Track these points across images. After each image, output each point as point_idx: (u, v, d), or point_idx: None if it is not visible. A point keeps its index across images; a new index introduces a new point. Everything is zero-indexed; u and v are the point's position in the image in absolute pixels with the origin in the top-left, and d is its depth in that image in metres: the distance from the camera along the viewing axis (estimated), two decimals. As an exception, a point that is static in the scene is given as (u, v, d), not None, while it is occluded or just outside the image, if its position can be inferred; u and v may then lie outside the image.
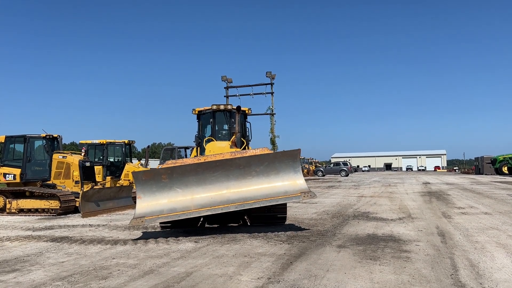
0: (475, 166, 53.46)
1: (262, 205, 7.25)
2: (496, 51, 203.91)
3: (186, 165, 7.46)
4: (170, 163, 7.90)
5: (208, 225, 8.45)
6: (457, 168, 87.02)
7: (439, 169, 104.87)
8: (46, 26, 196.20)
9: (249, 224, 8.41)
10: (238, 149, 9.20)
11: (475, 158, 54.89)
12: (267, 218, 8.22)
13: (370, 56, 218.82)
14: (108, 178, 16.07)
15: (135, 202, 7.48)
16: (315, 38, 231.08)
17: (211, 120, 9.94)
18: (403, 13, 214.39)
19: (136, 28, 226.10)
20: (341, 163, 52.00)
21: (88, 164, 12.89)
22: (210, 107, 9.92)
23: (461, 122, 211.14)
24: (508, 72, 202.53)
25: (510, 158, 38.74)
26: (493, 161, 41.79)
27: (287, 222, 8.53)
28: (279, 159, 7.39)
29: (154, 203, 7.19)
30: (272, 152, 7.94)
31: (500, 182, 26.05)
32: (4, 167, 12.88)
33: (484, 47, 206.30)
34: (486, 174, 44.51)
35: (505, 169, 39.90)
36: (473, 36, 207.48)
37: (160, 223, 8.05)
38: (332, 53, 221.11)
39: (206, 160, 7.60)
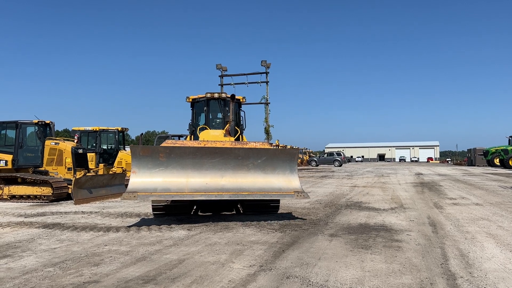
0: (468, 158, 53.92)
1: (256, 198, 7.32)
2: (489, 44, 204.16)
3: (186, 147, 7.34)
4: (169, 143, 7.84)
5: (201, 213, 8.46)
6: (449, 159, 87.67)
7: (432, 160, 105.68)
8: (38, 14, 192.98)
9: (242, 212, 8.42)
10: (232, 138, 9.18)
11: (467, 149, 55.33)
12: (260, 207, 8.24)
13: (364, 47, 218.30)
14: (101, 165, 15.94)
15: None
16: (311, 27, 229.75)
17: (205, 108, 9.89)
18: (399, 4, 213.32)
19: (130, 15, 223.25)
20: (334, 153, 52.29)
21: (81, 151, 12.81)
22: (204, 95, 9.87)
23: (454, 113, 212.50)
24: (501, 64, 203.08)
25: (502, 150, 39.01)
26: (485, 153, 42.09)
27: (279, 211, 8.55)
28: (277, 156, 7.51)
29: (149, 180, 7.04)
30: (272, 148, 8.10)
31: (492, 173, 26.30)
32: (-5, 153, 12.77)
33: (476, 40, 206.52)
34: (478, 165, 44.95)
35: (497, 161, 40.23)
36: (466, 28, 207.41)
37: (153, 209, 8.03)
38: (327, 43, 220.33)
39: (206, 146, 7.56)
